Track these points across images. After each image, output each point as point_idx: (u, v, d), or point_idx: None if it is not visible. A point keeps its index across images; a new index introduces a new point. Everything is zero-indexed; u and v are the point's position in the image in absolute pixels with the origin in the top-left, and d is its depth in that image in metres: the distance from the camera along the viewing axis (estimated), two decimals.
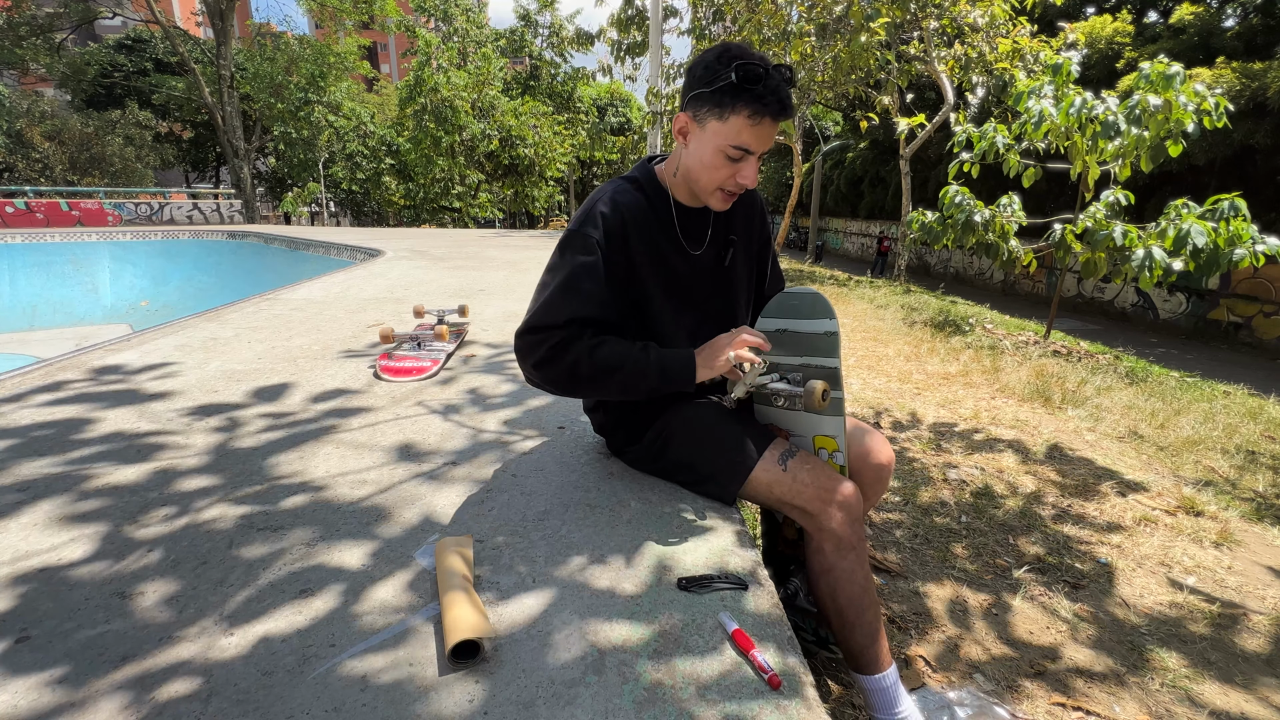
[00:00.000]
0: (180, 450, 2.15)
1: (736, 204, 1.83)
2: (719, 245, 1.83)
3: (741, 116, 1.50)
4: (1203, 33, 15.58)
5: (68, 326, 10.66)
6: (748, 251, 1.91)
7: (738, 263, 1.87)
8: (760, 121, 1.51)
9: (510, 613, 1.34)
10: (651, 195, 1.73)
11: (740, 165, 1.57)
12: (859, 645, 1.62)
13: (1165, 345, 13.57)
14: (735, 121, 1.51)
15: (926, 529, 2.81)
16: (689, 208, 1.77)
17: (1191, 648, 2.12)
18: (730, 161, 1.56)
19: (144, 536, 1.61)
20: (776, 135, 1.88)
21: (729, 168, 1.57)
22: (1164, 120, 5.52)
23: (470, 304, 5.04)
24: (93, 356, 3.31)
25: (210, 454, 2.13)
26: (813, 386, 1.59)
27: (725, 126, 1.53)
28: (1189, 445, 3.94)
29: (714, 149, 1.56)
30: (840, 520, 1.57)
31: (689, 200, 1.75)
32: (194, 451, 2.14)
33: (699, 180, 1.63)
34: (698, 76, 1.54)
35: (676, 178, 1.71)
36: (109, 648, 1.23)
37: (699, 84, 1.54)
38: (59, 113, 31.76)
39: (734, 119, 1.51)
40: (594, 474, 2.00)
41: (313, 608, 1.35)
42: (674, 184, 1.74)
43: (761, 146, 1.55)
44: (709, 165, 1.58)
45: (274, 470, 2.01)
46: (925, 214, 7.64)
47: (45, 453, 2.11)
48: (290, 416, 2.49)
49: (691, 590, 1.42)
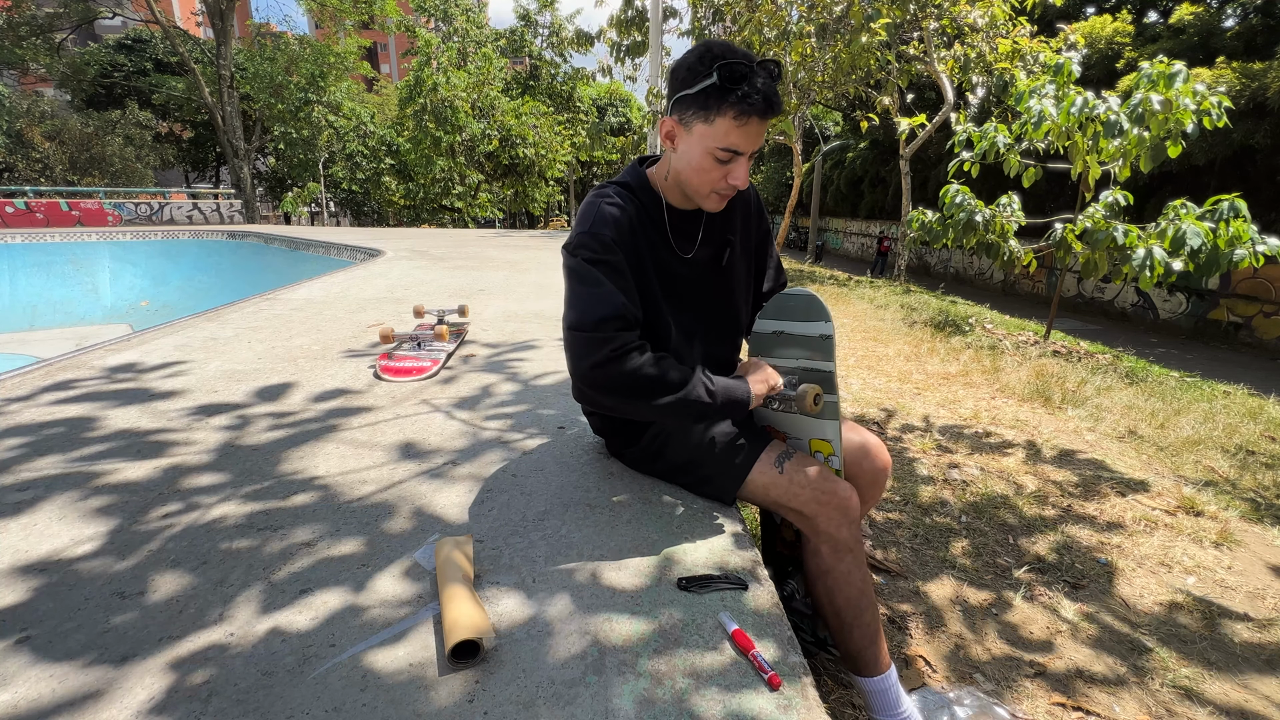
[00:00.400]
0: (179, 450, 2.15)
1: (733, 203, 1.80)
2: (716, 246, 1.80)
3: (727, 118, 1.47)
4: (1202, 33, 15.60)
5: (68, 327, 10.66)
6: (745, 250, 1.89)
7: (736, 262, 1.85)
8: (747, 122, 1.47)
9: (510, 612, 1.35)
10: (644, 200, 1.70)
11: (730, 166, 1.54)
12: (857, 647, 1.62)
13: (1165, 345, 13.58)
14: (721, 123, 1.48)
15: (927, 529, 2.81)
16: (682, 210, 1.74)
17: (1192, 648, 2.12)
18: (720, 164, 1.53)
19: (144, 536, 1.61)
20: (777, 136, 1.89)
21: (719, 170, 1.54)
22: (1165, 120, 5.52)
23: (470, 304, 5.04)
24: (92, 356, 3.31)
25: (210, 454, 2.13)
26: (804, 391, 1.59)
27: (712, 129, 1.49)
28: (1189, 445, 3.94)
29: (702, 152, 1.52)
30: (836, 523, 1.57)
31: (681, 203, 1.72)
32: (193, 451, 2.14)
33: (690, 184, 1.60)
34: (680, 79, 1.51)
35: (668, 181, 1.68)
36: (109, 647, 1.23)
37: (682, 86, 1.50)
38: (59, 113, 31.78)
39: (720, 121, 1.48)
40: (594, 474, 2.00)
41: (313, 607, 1.35)
42: (665, 187, 1.70)
43: (750, 146, 1.52)
44: (698, 168, 1.55)
45: (274, 470, 2.01)
46: (925, 213, 7.63)
47: (46, 452, 2.11)
48: (291, 416, 2.49)
49: (691, 590, 1.42)
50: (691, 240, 1.76)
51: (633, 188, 1.70)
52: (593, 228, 1.60)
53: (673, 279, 1.74)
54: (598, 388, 1.57)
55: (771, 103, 1.47)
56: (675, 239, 1.73)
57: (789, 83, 13.00)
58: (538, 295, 5.70)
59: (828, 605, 1.63)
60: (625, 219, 1.63)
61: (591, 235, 1.59)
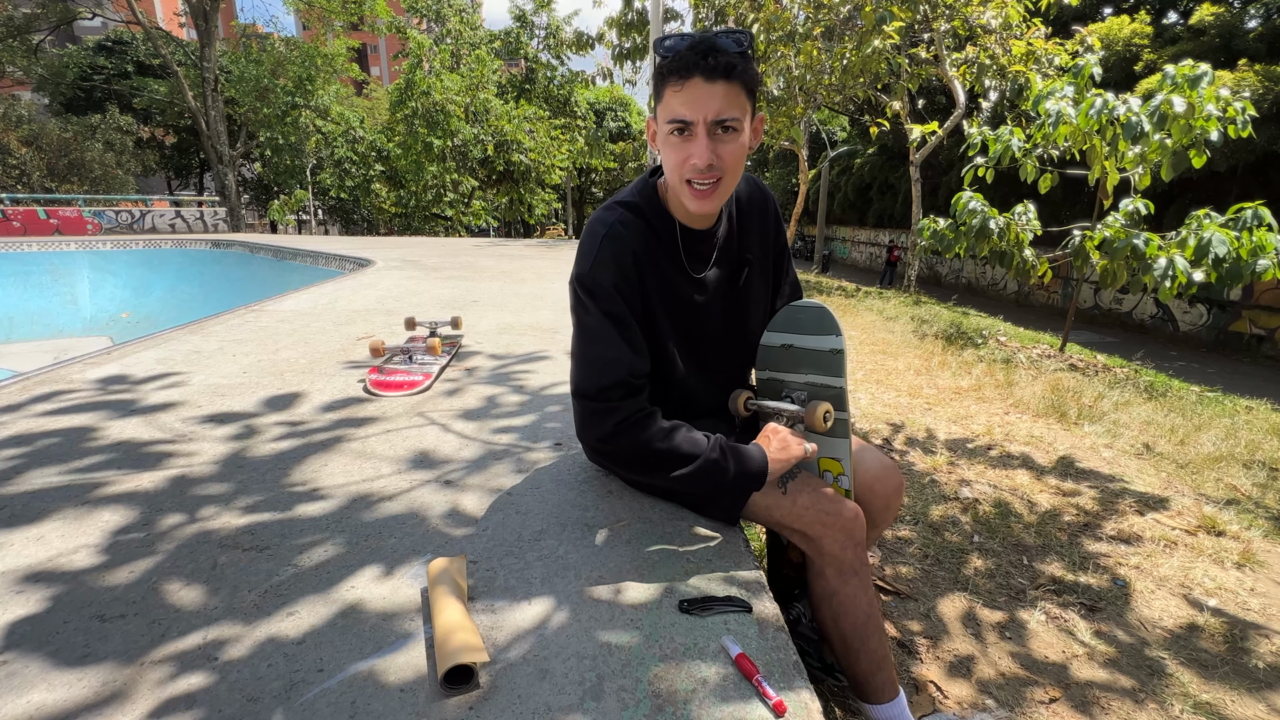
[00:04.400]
0: (158, 470, 2.16)
1: (750, 215, 1.78)
2: (732, 265, 1.77)
3: (670, 89, 1.44)
4: (1224, 34, 15.67)
5: (45, 339, 10.68)
6: (764, 266, 1.84)
7: (754, 282, 1.81)
8: (684, 84, 1.41)
9: (505, 636, 1.35)
10: (653, 219, 1.65)
11: (689, 144, 1.46)
12: (864, 673, 1.62)
13: (1185, 358, 13.60)
14: (667, 97, 1.45)
15: (938, 548, 2.81)
16: (694, 230, 1.69)
17: (1213, 671, 2.12)
18: (678, 143, 1.47)
19: (123, 557, 1.62)
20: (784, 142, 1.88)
21: (680, 152, 1.48)
22: (1187, 126, 5.55)
23: (464, 316, 5.05)
24: (71, 370, 3.32)
25: (191, 473, 2.13)
26: (814, 408, 1.59)
27: (663, 108, 1.47)
28: (1210, 462, 3.94)
29: (664, 138, 1.50)
30: (841, 544, 1.57)
31: (687, 219, 1.67)
32: (173, 471, 2.15)
33: (670, 183, 1.57)
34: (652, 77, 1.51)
35: (671, 192, 1.65)
36: (87, 673, 1.23)
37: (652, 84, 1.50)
38: (36, 117, 31.86)
39: (667, 95, 1.45)
40: (592, 492, 2.01)
41: (299, 631, 1.35)
42: (673, 201, 1.66)
43: (695, 113, 1.43)
44: (666, 157, 1.53)
45: (259, 489, 2.02)
46: (937, 221, 7.62)
47: (20, 471, 2.12)
48: (276, 433, 2.50)
49: (693, 613, 1.42)
50: (704, 261, 1.73)
51: (640, 208, 1.66)
52: (593, 270, 1.58)
53: (683, 304, 1.71)
54: (606, 459, 1.62)
55: (706, 55, 1.40)
56: (689, 261, 1.70)
57: (795, 86, 13.06)
58: (534, 306, 5.71)
59: (833, 629, 1.63)
60: (630, 255, 1.60)
61: (593, 280, 1.58)
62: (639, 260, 1.61)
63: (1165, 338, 16.33)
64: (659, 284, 1.66)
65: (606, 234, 1.60)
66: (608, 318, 1.57)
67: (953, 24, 12.80)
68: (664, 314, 1.68)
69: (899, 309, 10.29)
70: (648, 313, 1.66)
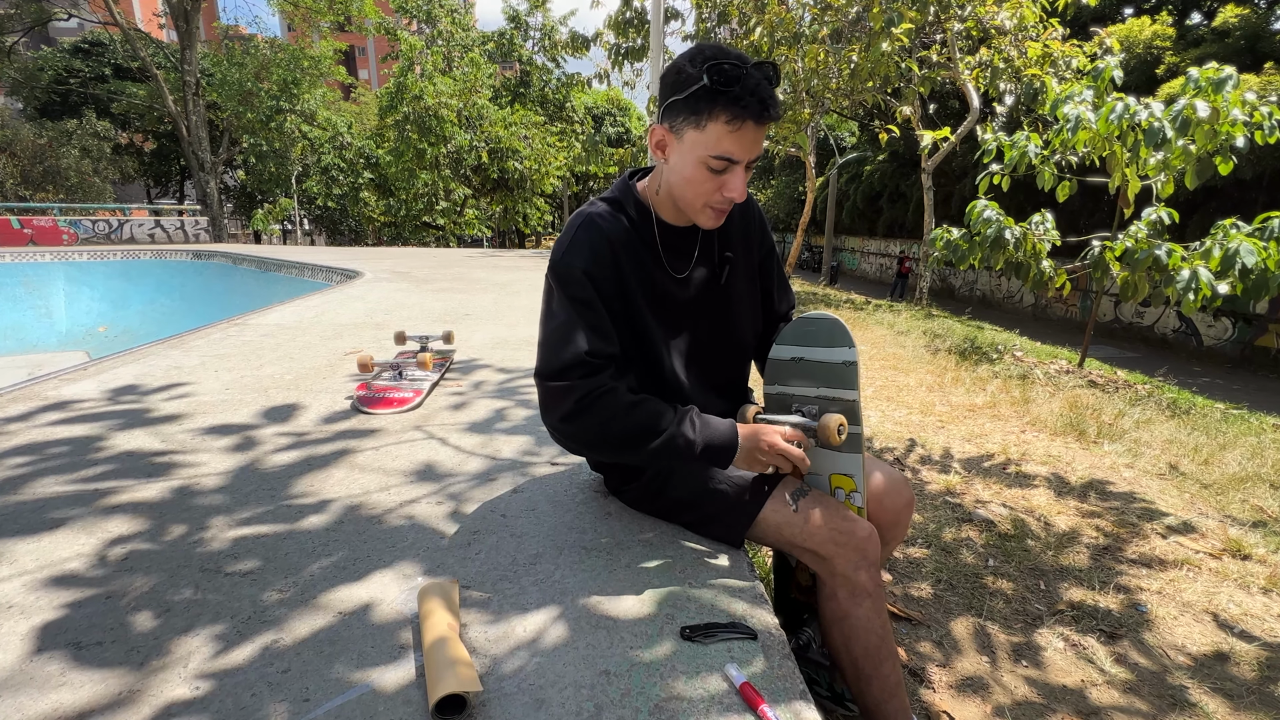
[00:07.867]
0: (134, 490, 2.16)
1: (732, 216, 1.81)
2: (713, 263, 1.81)
3: (719, 122, 1.46)
4: (1249, 36, 15.76)
5: (19, 354, 10.67)
6: (748, 266, 1.89)
7: (736, 280, 1.85)
8: (740, 126, 1.46)
9: (499, 664, 1.35)
10: (634, 216, 1.71)
11: (725, 177, 1.53)
12: (876, 701, 1.62)
13: (1209, 374, 13.60)
14: (713, 129, 1.47)
15: (951, 570, 2.82)
16: (675, 227, 1.74)
17: (1239, 701, 2.12)
18: (713, 174, 1.52)
19: (100, 580, 1.62)
20: (790, 148, 1.89)
21: (713, 181, 1.53)
22: (1211, 131, 5.56)
23: (456, 330, 5.06)
24: (45, 387, 3.33)
25: (171, 493, 2.14)
26: (827, 421, 1.59)
27: (703, 135, 1.49)
28: (1235, 483, 3.94)
29: (694, 161, 1.52)
30: (854, 565, 1.57)
31: (675, 219, 1.73)
32: (151, 491, 2.16)
33: (684, 197, 1.60)
34: (670, 83, 1.51)
35: (660, 195, 1.69)
36: (63, 703, 1.24)
37: (672, 91, 1.50)
38: (10, 122, 31.96)
39: (712, 126, 1.47)
40: (590, 514, 2.01)
41: (285, 659, 1.36)
42: (658, 202, 1.71)
43: (746, 154, 1.51)
44: (691, 180, 1.55)
45: (242, 510, 2.02)
46: (950, 231, 7.60)
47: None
48: (260, 450, 2.51)
49: (696, 640, 1.43)
50: (686, 258, 1.77)
51: (621, 203, 1.72)
52: (565, 256, 1.63)
53: (665, 300, 1.75)
54: (570, 440, 1.65)
55: (767, 105, 1.45)
56: (668, 257, 1.74)
57: (801, 91, 13.11)
58: (529, 320, 5.72)
59: (844, 654, 1.64)
60: (605, 243, 1.64)
61: (564, 266, 1.63)
62: (616, 249, 1.66)
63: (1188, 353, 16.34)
64: (640, 277, 1.70)
65: (583, 223, 1.67)
66: (571, 301, 1.62)
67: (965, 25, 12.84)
68: (648, 309, 1.72)
69: (910, 322, 10.30)
70: (629, 304, 1.70)
